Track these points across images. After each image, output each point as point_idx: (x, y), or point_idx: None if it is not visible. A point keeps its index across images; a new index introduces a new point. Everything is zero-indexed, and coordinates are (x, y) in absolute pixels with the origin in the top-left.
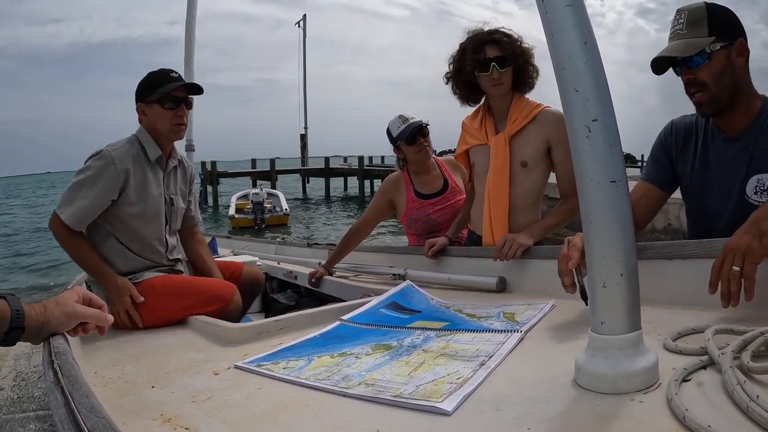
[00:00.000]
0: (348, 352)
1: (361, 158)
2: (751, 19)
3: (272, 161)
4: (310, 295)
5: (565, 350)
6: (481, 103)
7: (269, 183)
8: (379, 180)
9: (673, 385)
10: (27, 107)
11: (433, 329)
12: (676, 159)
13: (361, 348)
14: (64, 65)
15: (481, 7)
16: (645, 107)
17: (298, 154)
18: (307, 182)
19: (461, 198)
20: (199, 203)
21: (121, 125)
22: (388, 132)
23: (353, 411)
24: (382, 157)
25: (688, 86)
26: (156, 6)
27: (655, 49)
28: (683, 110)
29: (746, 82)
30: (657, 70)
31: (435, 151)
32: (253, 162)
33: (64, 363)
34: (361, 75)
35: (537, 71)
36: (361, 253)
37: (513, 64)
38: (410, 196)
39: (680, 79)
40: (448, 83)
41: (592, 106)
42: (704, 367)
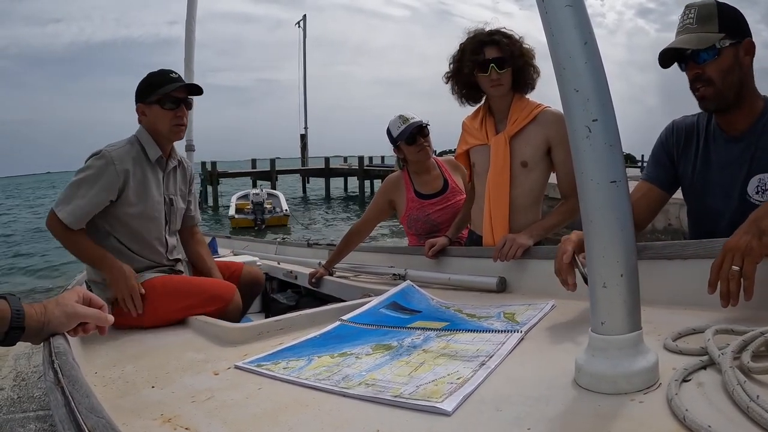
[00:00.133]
0: (348, 352)
1: (361, 158)
2: (752, 19)
3: (272, 161)
4: (310, 295)
5: (566, 350)
6: (482, 103)
7: (269, 183)
8: (379, 180)
9: (673, 386)
10: (27, 107)
11: (434, 329)
12: (678, 159)
13: (362, 348)
14: (64, 65)
15: (482, 7)
16: (645, 107)
17: (298, 154)
18: (307, 182)
19: (461, 198)
20: (199, 203)
21: (121, 125)
22: (388, 132)
23: (353, 411)
24: (382, 157)
25: (693, 81)
26: (156, 6)
27: (655, 50)
28: (683, 110)
29: (750, 82)
30: (664, 63)
31: (435, 151)
32: (253, 162)
33: (65, 363)
34: (361, 75)
35: (538, 72)
36: (361, 253)
37: (512, 65)
38: (410, 196)
39: (685, 75)
40: (447, 83)
41: (593, 106)
42: (704, 368)
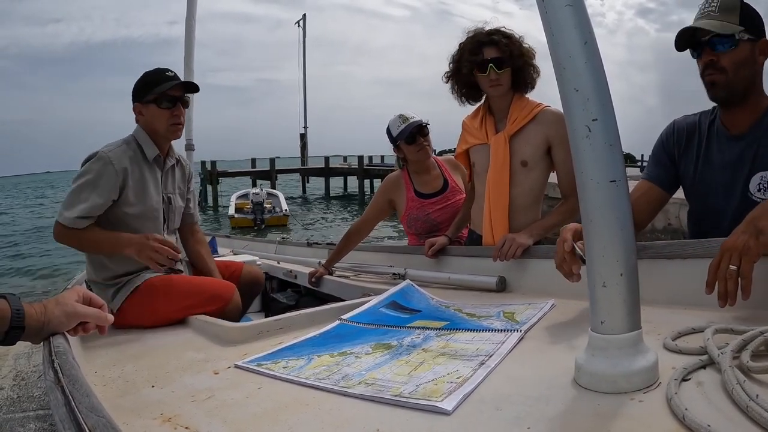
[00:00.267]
0: (348, 352)
1: (360, 158)
2: None
3: (272, 161)
4: (310, 294)
5: (565, 350)
6: (482, 102)
7: (269, 182)
8: (379, 179)
9: (672, 385)
10: (27, 107)
11: (433, 329)
12: (679, 159)
13: (361, 347)
14: (64, 65)
15: (482, 7)
16: (645, 107)
17: (298, 154)
18: (307, 182)
19: (461, 197)
20: (199, 203)
21: (121, 125)
22: (388, 131)
23: (353, 410)
24: (382, 157)
25: (706, 67)
26: (156, 6)
27: (655, 49)
28: (683, 110)
29: (759, 82)
30: (679, 46)
31: (435, 150)
32: (253, 161)
33: (65, 362)
34: (361, 75)
35: (537, 71)
36: (360, 253)
37: (511, 65)
38: (410, 195)
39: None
40: (447, 83)
41: (592, 106)
42: (704, 367)
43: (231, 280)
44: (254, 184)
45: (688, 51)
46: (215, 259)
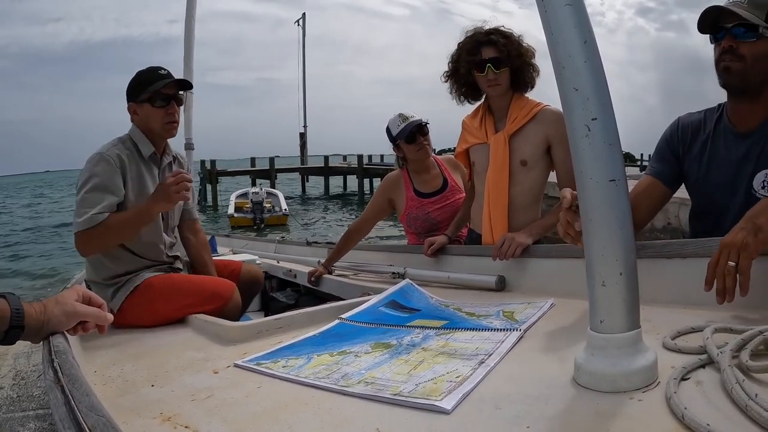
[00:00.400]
0: (347, 351)
1: (360, 157)
2: None
3: (271, 160)
4: (309, 293)
5: (565, 349)
6: (481, 101)
7: (268, 182)
8: (379, 179)
9: (672, 384)
10: (26, 107)
11: (433, 328)
12: (683, 155)
13: (361, 346)
14: (64, 65)
15: (481, 6)
16: (645, 106)
17: (298, 153)
18: (307, 181)
19: (461, 197)
20: (199, 202)
21: (121, 124)
22: (388, 131)
23: (353, 409)
24: (382, 156)
25: (723, 53)
26: (156, 5)
27: (655, 49)
28: (682, 110)
29: None
30: (702, 27)
31: (434, 149)
32: (252, 161)
33: (64, 362)
34: (361, 74)
35: (537, 71)
36: (360, 252)
37: (509, 65)
38: (410, 194)
39: (713, 48)
40: (446, 82)
41: (592, 105)
42: (703, 366)
43: (230, 279)
44: (254, 184)
45: (688, 42)
46: (215, 258)
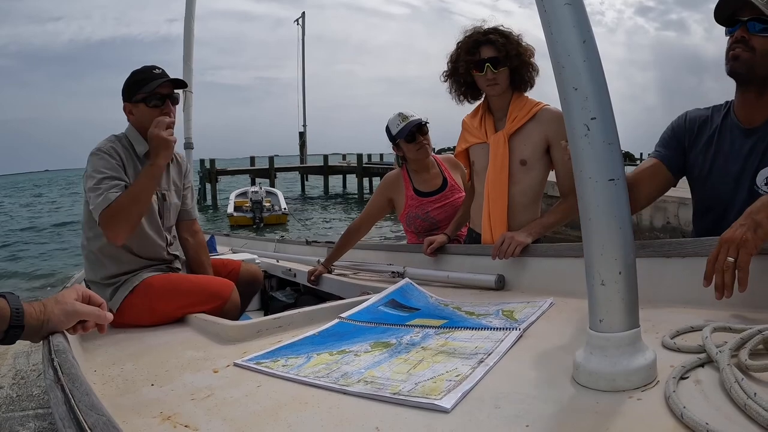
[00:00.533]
0: (347, 350)
1: (360, 156)
2: None
3: (271, 159)
4: (309, 293)
5: (564, 348)
6: (481, 101)
7: (268, 181)
8: (378, 178)
9: (671, 383)
10: (26, 106)
11: (432, 327)
12: (689, 147)
13: (360, 345)
14: (64, 64)
15: (481, 5)
16: (644, 106)
17: (297, 152)
18: (306, 180)
19: (460, 196)
20: (198, 201)
21: (121, 123)
22: (388, 130)
23: (352, 408)
24: (381, 155)
25: (735, 43)
26: (156, 4)
27: (655, 48)
28: (682, 109)
29: None
30: (718, 15)
31: (434, 149)
32: (252, 160)
33: (64, 361)
34: (361, 73)
35: (536, 70)
36: (360, 251)
37: (508, 65)
38: (409, 194)
39: (727, 40)
40: (445, 82)
41: (591, 105)
42: (702, 365)
43: (229, 278)
44: (253, 183)
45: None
46: (215, 257)
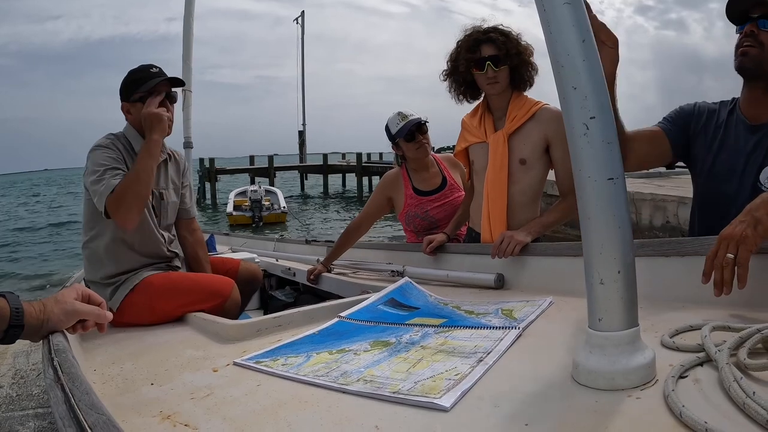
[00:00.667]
0: (346, 349)
1: (359, 155)
2: None
3: (270, 158)
4: (308, 292)
5: (563, 347)
6: (480, 100)
7: (267, 180)
8: (378, 177)
9: (670, 382)
10: (25, 105)
11: (432, 326)
12: (693, 134)
13: (360, 344)
14: (63, 63)
15: (480, 4)
16: (644, 105)
17: (297, 151)
18: (306, 179)
19: (460, 195)
20: (198, 200)
21: (121, 122)
22: (387, 129)
23: (352, 407)
24: (381, 154)
25: (744, 38)
26: (155, 3)
27: (654, 47)
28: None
29: None
30: (730, 12)
31: (434, 148)
32: (251, 159)
33: (64, 360)
34: (361, 72)
35: (536, 69)
36: (359, 250)
37: (508, 63)
38: (409, 193)
39: (736, 35)
40: (445, 81)
41: (590, 104)
42: (701, 364)
43: (228, 276)
44: (253, 182)
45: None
46: (214, 256)
